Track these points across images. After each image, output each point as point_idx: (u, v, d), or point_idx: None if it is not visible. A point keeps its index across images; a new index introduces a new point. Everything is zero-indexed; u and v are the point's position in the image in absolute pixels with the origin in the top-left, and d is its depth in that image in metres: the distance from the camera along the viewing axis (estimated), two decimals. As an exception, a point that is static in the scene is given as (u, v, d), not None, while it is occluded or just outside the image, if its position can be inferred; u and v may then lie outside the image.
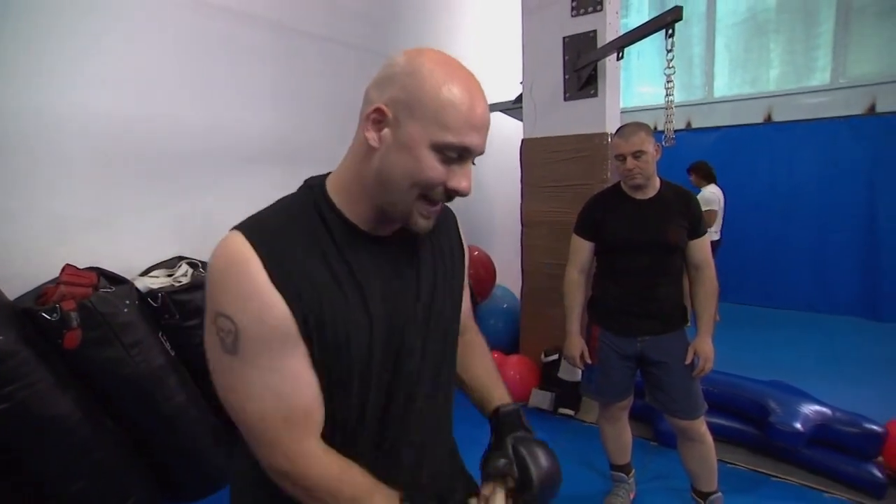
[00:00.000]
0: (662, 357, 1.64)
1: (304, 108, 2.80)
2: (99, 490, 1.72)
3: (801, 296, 4.48)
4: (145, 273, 2.13)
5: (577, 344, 1.78)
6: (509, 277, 3.79)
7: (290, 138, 2.71)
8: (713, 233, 3.95)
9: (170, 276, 2.11)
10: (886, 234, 4.10)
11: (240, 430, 0.69)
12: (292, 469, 0.66)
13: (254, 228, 0.66)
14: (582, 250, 1.75)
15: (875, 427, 2.03)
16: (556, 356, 2.60)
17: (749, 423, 2.22)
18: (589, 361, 1.77)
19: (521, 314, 2.97)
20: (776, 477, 2.09)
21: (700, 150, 4.49)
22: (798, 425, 2.02)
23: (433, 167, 0.64)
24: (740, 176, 4.54)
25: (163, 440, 1.89)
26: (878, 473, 1.96)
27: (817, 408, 2.11)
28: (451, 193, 0.68)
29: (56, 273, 1.83)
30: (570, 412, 2.60)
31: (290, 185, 0.76)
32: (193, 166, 2.33)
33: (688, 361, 1.62)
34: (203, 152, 2.36)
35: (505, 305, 3.26)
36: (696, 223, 1.62)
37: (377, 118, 0.65)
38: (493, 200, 4.34)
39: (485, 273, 3.46)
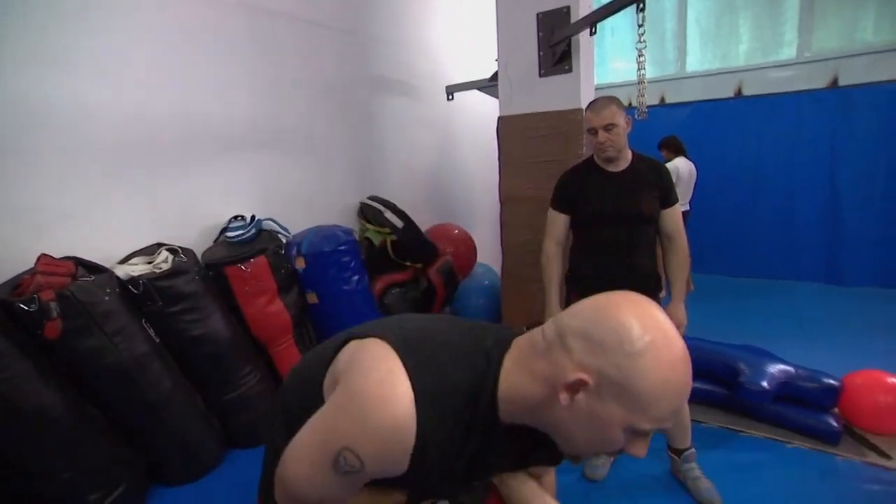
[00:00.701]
0: None
1: (281, 92, 2.75)
2: (88, 480, 1.72)
3: (769, 264, 4.64)
4: (124, 261, 2.10)
5: (556, 314, 1.83)
6: (489, 255, 3.86)
7: (267, 123, 2.67)
8: (682, 205, 4.08)
9: (149, 262, 2.09)
10: (848, 203, 4.27)
11: None
12: None
13: (425, 394, 0.68)
14: (558, 224, 1.80)
15: (832, 381, 2.18)
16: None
17: (720, 384, 2.33)
18: None
19: (501, 290, 3.03)
20: (744, 432, 2.22)
21: (674, 124, 4.56)
22: (765, 384, 2.14)
23: (619, 441, 0.65)
24: (712, 149, 4.64)
25: (150, 427, 1.90)
26: (833, 423, 2.11)
27: (782, 367, 2.24)
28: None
29: (31, 264, 1.80)
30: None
31: (268, 171, 0.77)
32: (169, 153, 2.28)
33: None
34: (178, 139, 2.31)
35: (486, 282, 3.32)
36: (668, 193, 1.69)
37: (577, 386, 0.63)
38: (472, 179, 4.38)
39: (465, 251, 3.51)
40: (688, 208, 4.08)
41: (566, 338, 0.66)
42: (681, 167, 3.95)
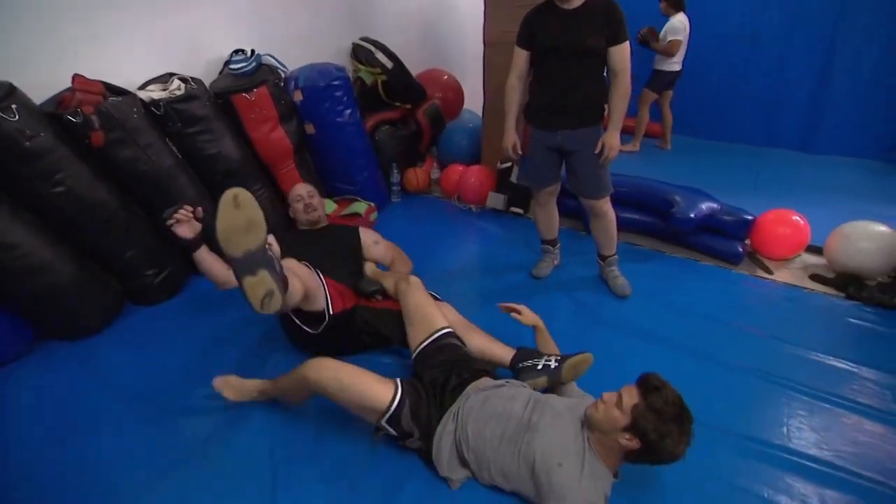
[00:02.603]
0: (577, 147, 2.04)
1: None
2: (145, 258, 2.23)
3: (750, 130, 4.69)
4: (142, 87, 2.37)
5: (511, 138, 2.17)
6: (476, 102, 4.03)
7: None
8: (674, 63, 4.09)
9: (164, 89, 2.35)
10: (839, 71, 4.20)
11: None
12: None
13: None
14: (520, 59, 2.03)
15: (748, 216, 2.59)
16: (509, 164, 3.04)
17: (657, 216, 2.76)
18: (520, 152, 2.19)
19: (482, 129, 3.32)
20: (669, 253, 2.73)
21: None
22: (692, 214, 2.57)
23: None
24: (712, 8, 4.41)
25: None
26: (739, 248, 2.59)
27: (710, 203, 2.65)
28: None
29: (66, 84, 2.06)
30: (520, 211, 3.13)
31: (266, 7, 0.94)
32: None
33: (596, 151, 2.01)
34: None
35: (470, 125, 3.58)
36: (616, 31, 1.84)
37: None
38: (463, 26, 4.32)
39: (453, 96, 3.71)
40: (679, 68, 4.10)
41: None
42: (681, 24, 3.91)
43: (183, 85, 2.34)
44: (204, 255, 1.72)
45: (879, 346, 2.00)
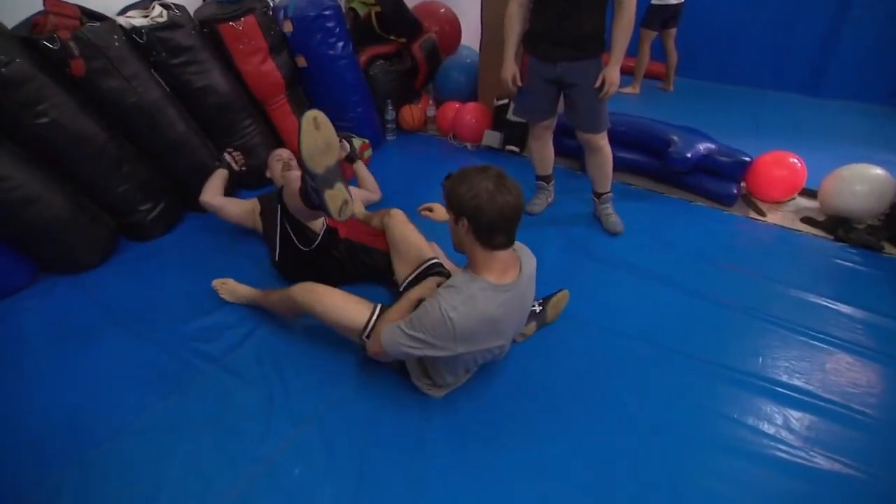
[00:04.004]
0: (576, 80, 1.99)
1: None
2: (138, 193, 2.22)
3: (757, 73, 4.53)
4: (121, 13, 2.26)
5: (510, 68, 2.11)
6: (474, 38, 3.87)
7: None
8: None
9: (146, 16, 2.25)
10: (851, 21, 4.01)
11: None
12: None
13: None
14: None
15: (745, 158, 2.57)
16: (506, 100, 2.97)
17: (653, 155, 2.73)
18: (519, 84, 2.14)
19: (479, 65, 3.21)
20: (663, 193, 2.72)
21: None
22: (688, 154, 2.54)
23: None
24: None
25: (173, 159, 2.31)
26: (734, 190, 2.58)
27: (707, 144, 2.61)
28: None
29: (38, 7, 1.96)
30: (516, 149, 3.09)
31: None
32: None
33: (596, 85, 1.96)
34: None
35: (468, 61, 3.45)
36: None
37: None
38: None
39: (450, 30, 3.56)
40: (676, 2, 3.88)
41: None
42: None
43: (165, 12, 2.24)
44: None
45: (860, 285, 2.05)
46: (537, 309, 1.69)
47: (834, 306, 1.91)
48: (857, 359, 1.68)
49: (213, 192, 2.18)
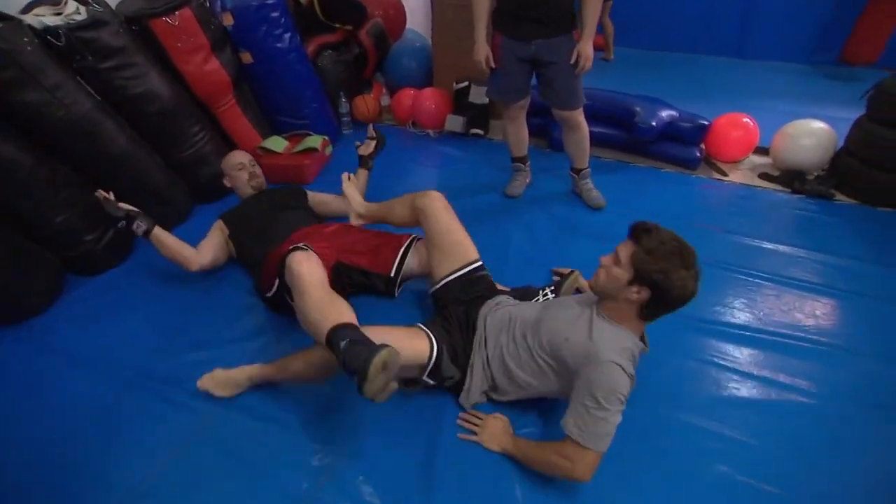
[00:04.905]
0: (551, 58, 1.95)
1: None
2: (81, 221, 1.94)
3: (688, 39, 4.74)
4: (26, 11, 1.93)
5: (482, 50, 2.04)
6: (418, 21, 3.75)
7: None
8: None
9: (57, 13, 1.94)
10: None
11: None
12: None
13: None
14: None
15: (703, 121, 2.67)
16: (466, 83, 2.89)
17: (620, 128, 2.77)
18: (493, 65, 2.07)
19: (433, 49, 3.10)
20: (633, 163, 2.79)
21: None
22: (654, 123, 2.60)
23: None
24: None
25: (118, 178, 2.01)
26: (696, 154, 2.69)
27: (669, 111, 2.69)
28: None
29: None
30: (480, 132, 3.03)
31: None
32: None
33: (572, 61, 1.94)
34: None
35: (417, 44, 3.33)
36: None
37: None
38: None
39: (395, 14, 3.40)
40: None
41: None
42: None
43: (83, 8, 1.94)
44: (162, 237, 1.76)
45: (818, 231, 2.23)
46: (551, 297, 1.63)
47: (794, 252, 2.08)
48: (817, 296, 1.84)
49: (187, 249, 1.81)
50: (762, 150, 2.79)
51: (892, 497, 1.22)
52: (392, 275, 1.68)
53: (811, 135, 2.58)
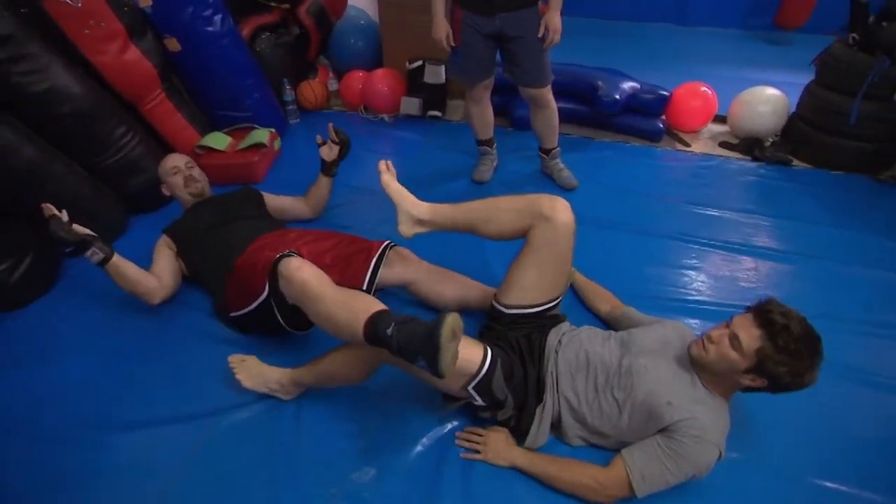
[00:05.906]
0: (518, 32, 1.83)
1: None
2: None
3: (628, 6, 4.74)
4: None
5: (442, 26, 1.88)
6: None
7: None
8: None
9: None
10: None
11: None
12: None
13: None
14: None
15: (664, 92, 2.65)
16: (420, 62, 2.70)
17: (582, 102, 2.70)
18: (454, 43, 1.92)
19: (381, 28, 2.88)
20: (597, 138, 2.73)
21: None
22: (617, 96, 2.54)
23: None
24: None
25: (33, 197, 1.62)
26: (659, 125, 2.68)
27: (631, 83, 2.64)
28: None
29: None
30: (438, 113, 2.86)
31: None
32: None
33: (540, 34, 1.82)
34: None
35: (363, 22, 3.09)
36: None
37: None
38: None
39: (334, -11, 3.12)
40: None
41: None
42: None
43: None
44: (122, 267, 1.49)
45: (779, 197, 2.28)
46: None
47: (756, 219, 2.11)
48: (779, 263, 1.87)
49: (150, 279, 1.57)
50: (720, 118, 2.81)
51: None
52: (364, 288, 1.53)
53: (767, 102, 2.62)
